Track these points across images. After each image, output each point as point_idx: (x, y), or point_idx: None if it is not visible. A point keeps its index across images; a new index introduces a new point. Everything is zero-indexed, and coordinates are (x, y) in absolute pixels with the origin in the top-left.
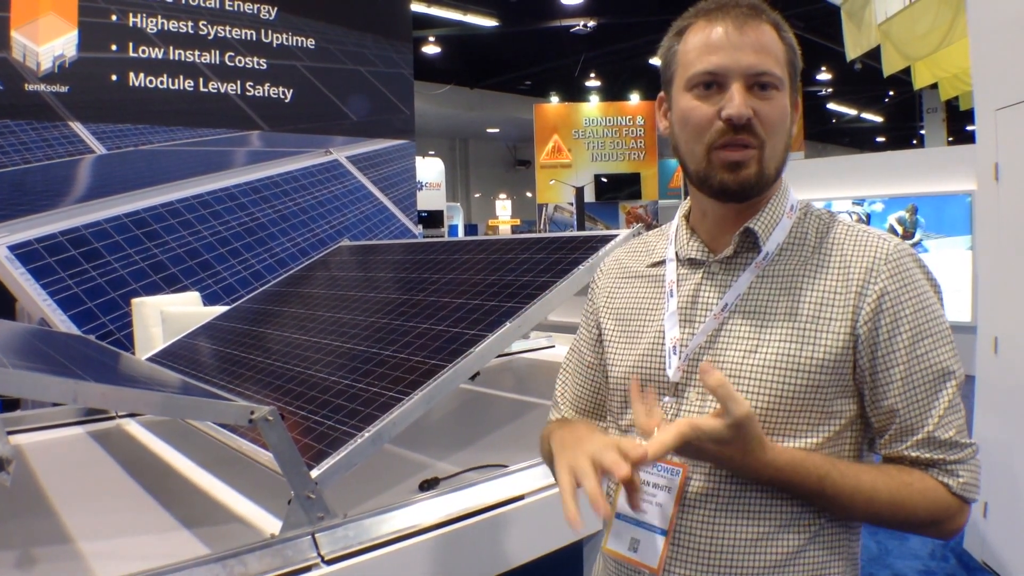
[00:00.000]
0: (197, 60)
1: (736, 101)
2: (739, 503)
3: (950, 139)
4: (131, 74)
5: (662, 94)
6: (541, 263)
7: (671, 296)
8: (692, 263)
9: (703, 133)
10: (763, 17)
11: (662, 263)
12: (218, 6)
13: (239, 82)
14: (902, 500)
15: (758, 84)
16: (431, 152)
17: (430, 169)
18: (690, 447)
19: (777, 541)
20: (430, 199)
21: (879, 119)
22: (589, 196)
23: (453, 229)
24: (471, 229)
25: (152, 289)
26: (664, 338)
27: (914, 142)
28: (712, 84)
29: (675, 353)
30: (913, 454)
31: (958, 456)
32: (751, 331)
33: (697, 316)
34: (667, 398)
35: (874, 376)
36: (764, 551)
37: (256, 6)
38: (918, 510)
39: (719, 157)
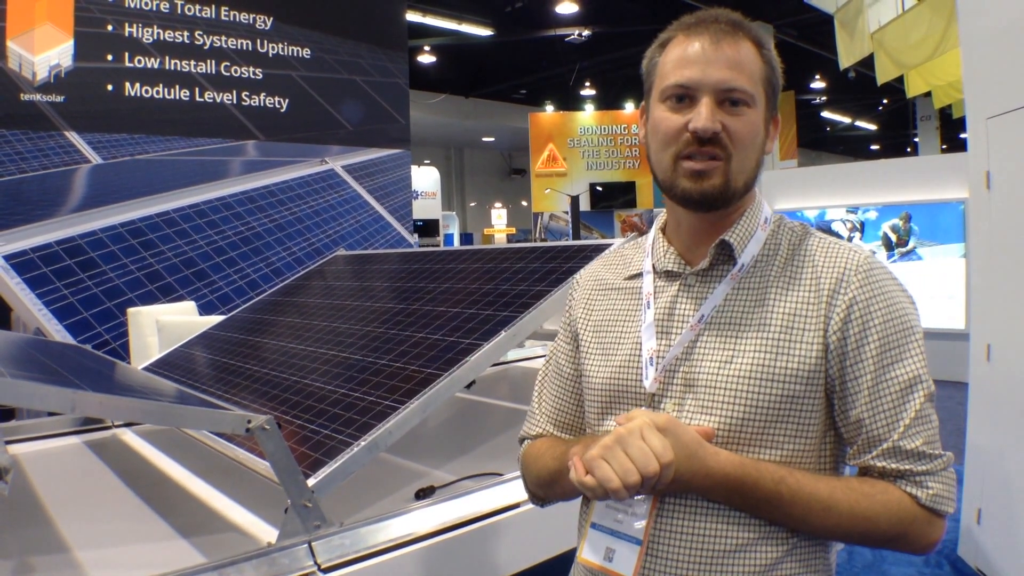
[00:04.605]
0: (193, 70)
1: (703, 115)
2: (715, 514)
3: (944, 147)
4: (127, 84)
5: (644, 103)
6: (536, 272)
7: (648, 308)
8: (669, 275)
9: (671, 143)
10: (742, 33)
11: (639, 275)
12: (214, 16)
13: (235, 92)
14: (863, 511)
15: (729, 100)
16: (426, 161)
17: (425, 178)
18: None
19: (753, 553)
20: (426, 208)
21: (873, 127)
22: (584, 205)
23: (449, 238)
24: (466, 238)
25: (148, 299)
26: (641, 349)
27: (908, 150)
28: (684, 97)
29: (652, 364)
30: (879, 464)
31: (926, 467)
32: (726, 342)
33: (674, 328)
34: (644, 409)
35: (843, 385)
36: (739, 563)
37: (252, 16)
38: (879, 521)
39: (684, 166)
